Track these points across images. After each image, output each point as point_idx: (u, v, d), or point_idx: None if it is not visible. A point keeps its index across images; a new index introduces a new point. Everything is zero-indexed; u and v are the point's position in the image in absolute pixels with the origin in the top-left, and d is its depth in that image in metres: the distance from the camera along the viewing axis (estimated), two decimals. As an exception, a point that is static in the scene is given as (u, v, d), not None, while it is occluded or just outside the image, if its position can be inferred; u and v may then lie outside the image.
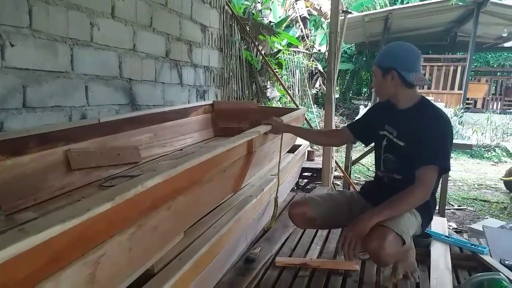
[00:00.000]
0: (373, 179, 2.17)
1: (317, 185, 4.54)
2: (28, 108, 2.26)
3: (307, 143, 3.99)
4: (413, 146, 1.82)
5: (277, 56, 6.07)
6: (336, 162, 4.48)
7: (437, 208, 4.12)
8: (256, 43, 5.63)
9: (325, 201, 2.03)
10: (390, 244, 1.63)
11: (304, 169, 4.54)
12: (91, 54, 2.66)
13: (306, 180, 5.02)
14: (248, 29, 5.22)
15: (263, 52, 5.82)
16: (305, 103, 9.22)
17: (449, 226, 3.68)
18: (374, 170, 2.16)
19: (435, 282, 2.07)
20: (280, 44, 6.58)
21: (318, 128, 7.48)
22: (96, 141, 2.52)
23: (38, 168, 2.12)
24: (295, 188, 4.52)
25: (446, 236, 2.68)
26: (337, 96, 10.54)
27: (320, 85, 10.35)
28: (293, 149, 3.77)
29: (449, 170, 1.94)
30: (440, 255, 2.42)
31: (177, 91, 3.81)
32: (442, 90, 9.94)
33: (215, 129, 4.02)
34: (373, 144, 2.14)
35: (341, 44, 3.96)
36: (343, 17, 4.01)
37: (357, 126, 2.21)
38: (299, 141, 3.68)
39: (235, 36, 4.99)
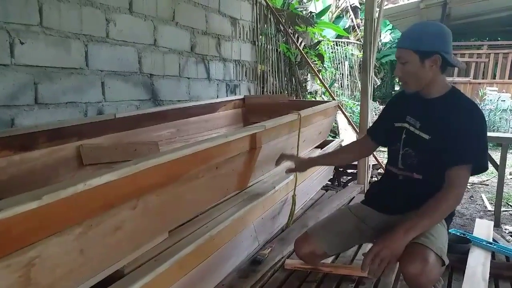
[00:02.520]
0: (380, 178, 1.95)
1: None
2: (41, 104, 2.30)
3: (339, 139, 3.77)
4: (441, 140, 1.59)
5: (317, 47, 5.82)
6: (375, 157, 4.20)
7: (491, 209, 3.73)
8: (296, 35, 5.45)
9: (332, 234, 1.82)
10: (432, 268, 1.44)
11: (348, 166, 4.32)
12: (107, 50, 2.67)
13: (349, 177, 4.81)
14: (283, 20, 5.05)
15: (303, 44, 5.62)
16: (354, 96, 8.84)
17: (505, 229, 3.29)
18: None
19: (466, 294, 1.84)
20: (321, 35, 6.32)
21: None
22: (111, 136, 2.52)
23: (48, 163, 2.15)
24: (336, 184, 4.30)
25: (489, 242, 2.37)
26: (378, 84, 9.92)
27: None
28: (324, 144, 3.58)
29: (487, 169, 1.67)
30: (478, 263, 2.15)
31: (204, 86, 3.76)
32: (509, 79, 9.00)
33: (246, 124, 3.92)
34: None
35: (377, 31, 3.67)
36: (379, 1, 3.72)
37: (378, 130, 1.97)
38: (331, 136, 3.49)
39: (270, 28, 4.85)
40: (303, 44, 5.57)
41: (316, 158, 2.35)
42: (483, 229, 2.62)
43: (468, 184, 4.63)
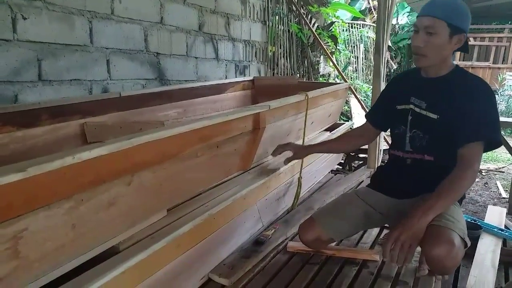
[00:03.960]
0: (386, 163, 1.88)
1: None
2: (44, 81, 2.29)
3: (350, 122, 3.68)
4: (450, 119, 1.54)
5: (331, 28, 5.68)
6: (386, 140, 4.12)
7: (506, 196, 3.62)
8: (309, 16, 5.31)
9: (338, 219, 1.77)
10: (458, 250, 1.38)
11: (359, 150, 4.25)
12: (113, 27, 2.63)
13: (361, 162, 4.75)
14: (295, 0, 4.92)
15: (316, 25, 5.48)
16: (369, 80, 8.67)
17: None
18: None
19: (474, 281, 1.80)
20: (334, 16, 6.16)
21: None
22: (116, 115, 2.49)
23: (51, 140, 2.14)
24: (347, 169, 4.24)
25: (500, 229, 2.30)
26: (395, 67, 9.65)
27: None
28: (334, 127, 3.51)
29: (500, 144, 1.60)
30: (487, 251, 2.10)
31: (212, 66, 3.70)
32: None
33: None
34: None
35: (391, 12, 3.54)
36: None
37: (378, 114, 1.91)
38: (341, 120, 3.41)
39: (281, 8, 4.74)
40: (316, 25, 5.44)
41: (314, 145, 2.25)
42: (495, 215, 2.56)
43: (483, 171, 4.51)
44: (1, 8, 2.03)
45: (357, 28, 8.34)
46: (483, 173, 4.45)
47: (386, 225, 2.06)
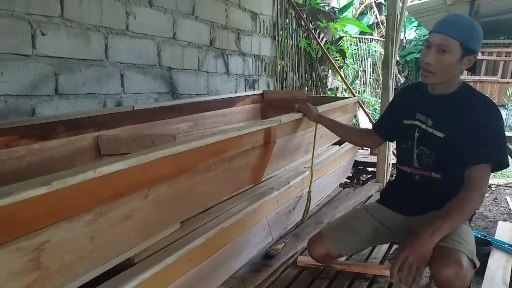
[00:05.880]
0: (395, 178, 1.88)
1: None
2: (61, 95, 2.35)
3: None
4: (457, 138, 1.53)
5: (339, 43, 5.74)
6: (394, 154, 4.11)
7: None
8: (317, 31, 5.38)
9: (347, 235, 1.77)
10: (466, 271, 1.36)
11: (368, 164, 4.26)
12: (127, 43, 2.70)
13: (369, 176, 4.74)
14: (304, 15, 4.99)
15: (324, 40, 5.54)
16: (377, 94, 8.69)
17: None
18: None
19: (485, 298, 1.79)
20: (343, 31, 6.22)
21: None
22: (129, 128, 2.54)
23: (66, 152, 2.19)
24: (355, 183, 4.25)
25: (511, 245, 2.29)
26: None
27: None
28: (342, 141, 3.52)
29: (508, 165, 1.60)
30: (498, 267, 2.09)
31: (223, 80, 3.76)
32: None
33: (264, 119, 3.90)
34: None
35: (400, 27, 3.58)
36: (403, -4, 3.62)
37: (384, 125, 1.92)
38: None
39: (291, 23, 4.80)
40: (324, 39, 5.50)
41: (325, 118, 2.27)
42: (505, 231, 2.55)
43: (493, 186, 4.49)
44: (22, 25, 2.10)
45: (364, 42, 8.41)
46: (493, 188, 4.42)
47: (396, 240, 2.07)
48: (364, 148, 4.56)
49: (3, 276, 0.93)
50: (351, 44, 7.91)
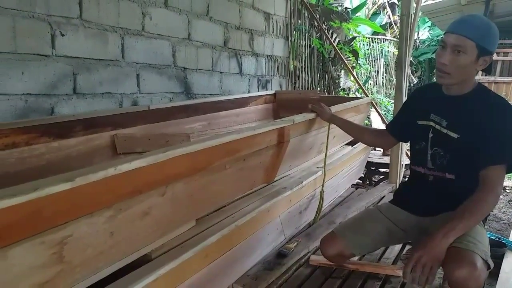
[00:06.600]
0: (409, 179, 1.87)
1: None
2: (79, 94, 2.40)
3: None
4: (471, 139, 1.53)
5: (352, 43, 5.72)
6: (407, 155, 4.10)
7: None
8: (330, 31, 5.37)
9: (360, 235, 1.77)
10: (480, 272, 1.35)
11: (380, 165, 4.25)
12: (143, 43, 2.74)
13: (381, 177, 4.73)
14: (317, 16, 4.99)
15: (337, 40, 5.54)
16: (390, 94, 8.64)
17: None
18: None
19: (499, 300, 1.78)
20: (355, 31, 6.19)
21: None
22: (144, 127, 2.59)
23: (83, 151, 2.24)
24: (368, 183, 4.24)
25: (526, 248, 2.27)
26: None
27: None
28: (355, 141, 3.52)
29: None
30: (512, 270, 2.07)
31: (236, 80, 3.79)
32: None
33: (276, 119, 3.92)
34: None
35: (414, 27, 3.56)
36: (417, -4, 3.60)
37: (398, 126, 1.92)
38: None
39: (304, 24, 4.81)
40: (337, 40, 5.49)
41: (338, 118, 2.27)
42: (520, 233, 2.53)
43: (507, 188, 4.43)
44: (42, 26, 2.16)
45: (377, 42, 8.36)
46: (507, 190, 4.37)
47: (409, 241, 2.06)
48: (377, 148, 4.54)
49: (29, 268, 0.96)
50: (364, 45, 7.87)
